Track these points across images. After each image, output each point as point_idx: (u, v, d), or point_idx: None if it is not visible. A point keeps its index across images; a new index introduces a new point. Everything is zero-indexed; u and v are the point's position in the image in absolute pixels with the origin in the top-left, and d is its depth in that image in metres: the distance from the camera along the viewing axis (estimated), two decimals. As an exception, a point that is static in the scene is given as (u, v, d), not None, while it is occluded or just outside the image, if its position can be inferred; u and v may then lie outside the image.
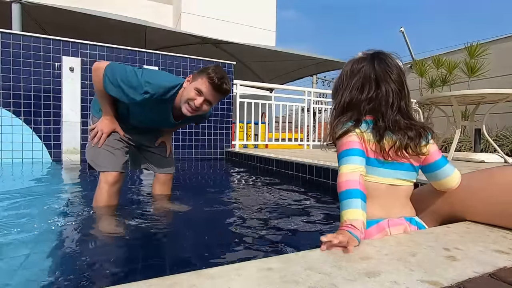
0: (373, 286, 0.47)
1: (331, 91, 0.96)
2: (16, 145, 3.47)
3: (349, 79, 0.88)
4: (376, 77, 0.84)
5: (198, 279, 0.47)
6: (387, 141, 0.80)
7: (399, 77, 0.84)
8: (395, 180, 0.82)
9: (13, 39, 3.45)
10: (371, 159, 0.80)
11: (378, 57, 0.86)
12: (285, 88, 6.25)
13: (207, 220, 1.60)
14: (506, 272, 0.53)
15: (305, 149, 5.31)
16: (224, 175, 3.27)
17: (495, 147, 2.92)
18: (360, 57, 0.90)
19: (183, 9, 9.06)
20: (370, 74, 0.84)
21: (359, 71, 0.86)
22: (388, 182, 0.81)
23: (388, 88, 0.82)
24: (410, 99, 0.87)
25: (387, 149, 0.79)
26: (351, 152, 0.77)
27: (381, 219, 0.80)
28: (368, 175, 0.79)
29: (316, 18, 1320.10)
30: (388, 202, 0.82)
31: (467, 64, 4.66)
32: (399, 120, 0.81)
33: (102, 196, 1.52)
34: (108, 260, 1.03)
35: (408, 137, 0.79)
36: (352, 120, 0.82)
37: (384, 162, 0.80)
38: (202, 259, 1.04)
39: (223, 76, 1.41)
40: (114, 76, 1.38)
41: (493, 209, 0.81)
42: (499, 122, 5.04)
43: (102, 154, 1.55)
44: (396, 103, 0.83)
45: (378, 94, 0.83)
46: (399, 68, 0.85)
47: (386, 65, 0.84)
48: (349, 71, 0.89)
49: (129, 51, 3.98)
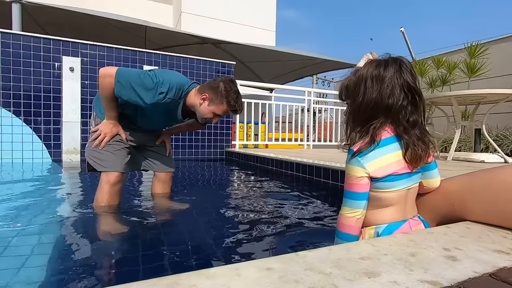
0: (373, 286, 0.47)
1: (342, 90, 0.91)
2: (16, 145, 3.47)
3: (374, 84, 0.83)
4: (403, 85, 0.81)
5: (198, 279, 0.47)
6: (409, 153, 0.81)
7: (417, 86, 0.83)
8: (410, 185, 0.84)
9: (13, 39, 3.45)
10: (389, 176, 0.80)
11: (404, 65, 0.83)
12: (285, 88, 6.25)
13: (207, 220, 1.60)
14: (506, 272, 0.53)
15: (305, 149, 5.31)
16: (224, 175, 3.27)
17: (495, 147, 2.92)
18: (383, 60, 0.85)
19: (183, 9, 9.07)
20: (397, 82, 0.81)
21: (386, 77, 0.82)
22: (406, 188, 0.83)
23: (411, 98, 0.81)
24: (425, 110, 0.86)
25: (407, 162, 0.81)
26: (355, 196, 0.81)
27: (402, 221, 0.83)
28: (386, 190, 0.81)
29: (316, 18, 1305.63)
30: (404, 205, 0.85)
31: (467, 64, 4.66)
32: (415, 131, 0.82)
33: (104, 196, 1.52)
34: (107, 260, 1.03)
35: (422, 149, 0.81)
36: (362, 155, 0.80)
37: (402, 176, 0.81)
38: (202, 259, 1.04)
39: (240, 101, 1.53)
40: (127, 81, 1.38)
41: (493, 209, 0.81)
42: (499, 122, 5.04)
43: (103, 155, 1.55)
44: (416, 114, 0.82)
45: (403, 103, 0.81)
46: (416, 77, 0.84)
47: (411, 74, 0.82)
48: (374, 75, 0.84)
49: (129, 51, 3.98)
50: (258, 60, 7.31)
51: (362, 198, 0.81)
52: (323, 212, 1.62)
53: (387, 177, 0.80)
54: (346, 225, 0.82)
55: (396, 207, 0.83)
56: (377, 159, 0.80)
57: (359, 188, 0.81)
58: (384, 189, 0.81)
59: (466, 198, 0.86)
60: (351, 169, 0.82)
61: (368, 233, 0.84)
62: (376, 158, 0.80)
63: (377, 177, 0.80)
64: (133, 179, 2.68)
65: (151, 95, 1.39)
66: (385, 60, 0.85)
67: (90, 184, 2.56)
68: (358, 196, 0.81)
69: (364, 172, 0.80)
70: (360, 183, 0.80)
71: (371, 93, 0.82)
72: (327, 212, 1.61)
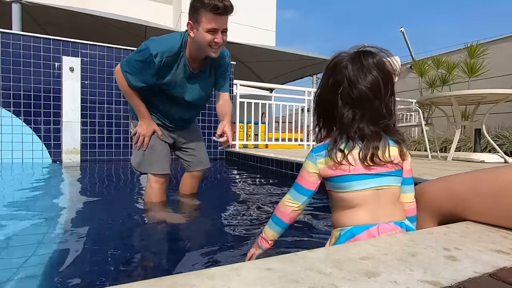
0: (373, 286, 0.47)
1: None
2: (16, 145, 3.47)
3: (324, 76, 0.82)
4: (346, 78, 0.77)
5: (198, 279, 0.47)
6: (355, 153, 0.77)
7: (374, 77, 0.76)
8: (379, 185, 0.78)
9: (13, 39, 3.45)
10: (351, 175, 0.76)
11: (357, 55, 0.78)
12: (285, 88, 6.25)
13: (207, 220, 1.60)
14: (506, 272, 0.53)
15: (305, 149, 5.31)
16: (224, 175, 3.27)
17: (495, 147, 2.92)
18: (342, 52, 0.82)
19: (183, 9, 9.06)
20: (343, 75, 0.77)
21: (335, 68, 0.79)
22: (374, 188, 0.77)
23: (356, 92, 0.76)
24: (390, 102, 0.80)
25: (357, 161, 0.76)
26: (300, 189, 0.84)
27: (370, 225, 0.76)
28: (344, 190, 0.77)
29: (316, 18, 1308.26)
30: (376, 207, 0.78)
31: (467, 64, 4.66)
32: (363, 128, 0.76)
33: (154, 194, 1.65)
34: (106, 260, 1.03)
35: (374, 147, 0.75)
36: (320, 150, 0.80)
37: (364, 176, 0.77)
38: (202, 259, 1.04)
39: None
40: (127, 64, 1.45)
41: (496, 208, 0.80)
42: (499, 122, 5.05)
43: (149, 157, 1.63)
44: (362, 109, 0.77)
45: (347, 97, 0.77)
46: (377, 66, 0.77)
47: (361, 64, 0.76)
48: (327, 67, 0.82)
49: (129, 51, 3.98)
50: (258, 60, 7.31)
51: (305, 194, 0.83)
52: (323, 212, 1.62)
53: (341, 176, 0.77)
54: (281, 211, 0.87)
55: (364, 208, 0.77)
56: (330, 156, 0.77)
57: (305, 183, 0.82)
58: (342, 189, 0.78)
59: (468, 197, 0.85)
60: (305, 162, 0.84)
61: (334, 235, 0.80)
62: (330, 155, 0.77)
63: (328, 175, 0.79)
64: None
65: (148, 63, 1.39)
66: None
67: (90, 184, 2.56)
68: (302, 191, 0.83)
69: (314, 168, 0.80)
70: (308, 179, 0.82)
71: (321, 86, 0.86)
72: (326, 212, 1.60)
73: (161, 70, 1.44)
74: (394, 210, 0.81)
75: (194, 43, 1.44)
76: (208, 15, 1.32)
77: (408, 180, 0.86)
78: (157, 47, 1.39)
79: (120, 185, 2.57)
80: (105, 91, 3.85)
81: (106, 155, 3.90)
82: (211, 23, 1.33)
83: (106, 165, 3.63)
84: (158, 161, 1.63)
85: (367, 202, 0.77)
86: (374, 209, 0.77)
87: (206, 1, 1.29)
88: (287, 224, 0.87)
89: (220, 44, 1.42)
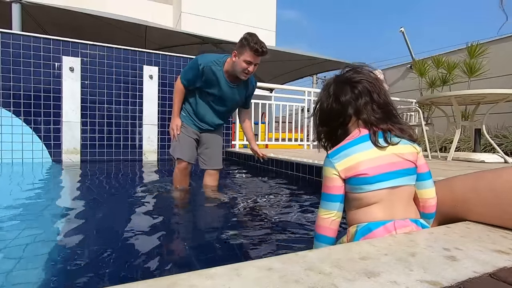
0: (373, 286, 0.47)
1: None
2: (16, 145, 3.47)
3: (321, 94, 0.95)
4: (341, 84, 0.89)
5: (198, 279, 0.47)
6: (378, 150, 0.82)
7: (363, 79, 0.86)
8: (396, 182, 0.81)
9: (13, 39, 3.45)
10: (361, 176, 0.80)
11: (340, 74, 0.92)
12: (285, 88, 6.24)
13: (207, 220, 1.60)
14: (506, 272, 0.53)
15: (305, 149, 5.31)
16: (224, 175, 3.26)
17: (495, 147, 2.92)
18: None
19: (183, 9, 9.06)
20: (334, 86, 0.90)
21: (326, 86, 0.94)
22: (389, 186, 0.80)
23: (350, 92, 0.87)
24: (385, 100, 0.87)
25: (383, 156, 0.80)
26: (329, 197, 0.83)
27: (387, 221, 0.79)
28: (362, 190, 0.80)
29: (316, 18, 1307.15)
30: (391, 204, 0.81)
31: (467, 64, 4.66)
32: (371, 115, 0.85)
33: (176, 175, 2.10)
34: (105, 260, 1.03)
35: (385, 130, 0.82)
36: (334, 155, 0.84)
37: (379, 176, 0.79)
38: (202, 259, 1.04)
39: (261, 43, 1.80)
40: (183, 74, 1.99)
41: (496, 209, 0.80)
42: (499, 122, 5.04)
43: (177, 146, 2.07)
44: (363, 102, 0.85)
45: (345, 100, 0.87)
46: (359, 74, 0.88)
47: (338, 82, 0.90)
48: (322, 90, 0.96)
49: (129, 51, 3.98)
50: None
51: (336, 200, 0.82)
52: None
53: (360, 177, 0.79)
54: (322, 226, 0.83)
55: (379, 206, 0.80)
56: (347, 158, 0.81)
57: (332, 190, 0.82)
58: (359, 189, 0.80)
59: (469, 198, 0.85)
60: (324, 170, 0.85)
61: (350, 232, 0.82)
62: (346, 157, 0.81)
63: (349, 175, 0.80)
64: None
65: (195, 69, 1.91)
66: None
67: (90, 184, 2.56)
68: (332, 198, 0.82)
69: (335, 171, 0.81)
70: (333, 185, 0.82)
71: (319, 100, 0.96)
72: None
73: (206, 75, 1.90)
74: (409, 208, 0.84)
75: (231, 65, 1.88)
76: (250, 53, 1.79)
77: (426, 175, 0.87)
78: (204, 59, 1.90)
79: (120, 185, 2.57)
80: (105, 91, 3.85)
81: (106, 155, 3.90)
82: (250, 58, 1.80)
83: (106, 165, 3.63)
84: (181, 150, 2.06)
85: (383, 200, 0.80)
86: (390, 206, 0.81)
87: (252, 44, 1.77)
88: (333, 238, 0.83)
89: (250, 73, 1.87)
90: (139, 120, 4.07)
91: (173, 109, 2.06)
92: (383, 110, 0.85)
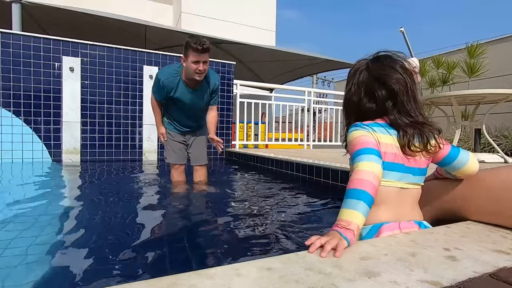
0: (373, 286, 0.47)
1: None
2: (16, 145, 3.47)
3: (350, 80, 0.91)
4: (374, 78, 0.86)
5: (198, 279, 0.47)
6: (395, 141, 0.81)
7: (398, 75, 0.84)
8: (405, 183, 0.81)
9: (13, 39, 3.45)
10: (383, 162, 0.78)
11: (376, 58, 0.88)
12: (285, 88, 6.25)
13: (207, 220, 1.60)
14: (506, 272, 0.53)
15: (305, 149, 5.30)
16: (224, 175, 3.26)
17: (495, 147, 2.92)
18: (362, 59, 0.92)
19: (183, 9, 9.06)
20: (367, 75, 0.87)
21: (357, 72, 0.89)
22: (399, 186, 0.80)
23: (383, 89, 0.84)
24: (414, 97, 0.85)
25: (399, 149, 0.80)
26: (366, 151, 0.74)
27: (392, 221, 0.80)
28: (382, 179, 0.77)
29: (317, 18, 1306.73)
30: (398, 206, 0.81)
31: (467, 64, 4.66)
32: (400, 118, 0.82)
33: (172, 176, 2.38)
34: (105, 259, 1.03)
35: (409, 135, 0.79)
36: (363, 124, 0.82)
37: (395, 164, 0.79)
38: (202, 259, 1.04)
39: (200, 41, 1.93)
40: (153, 91, 2.21)
41: (495, 208, 0.81)
42: (499, 122, 5.04)
43: (168, 153, 2.35)
44: (393, 102, 0.83)
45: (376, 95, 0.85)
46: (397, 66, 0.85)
47: (381, 64, 0.86)
48: (350, 72, 0.92)
49: (129, 51, 3.98)
50: (258, 60, 7.30)
51: (377, 154, 0.74)
52: (323, 212, 1.62)
53: (384, 163, 0.78)
54: (363, 180, 0.68)
55: (386, 207, 0.80)
56: (379, 133, 0.80)
57: (368, 144, 0.75)
58: None
59: (470, 196, 0.86)
60: (354, 133, 0.80)
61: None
62: (378, 132, 0.81)
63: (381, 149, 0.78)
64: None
65: (158, 84, 2.09)
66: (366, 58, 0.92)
67: (90, 183, 2.56)
68: (372, 151, 0.74)
69: (371, 133, 0.79)
70: (369, 141, 0.76)
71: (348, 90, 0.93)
72: (327, 212, 1.60)
73: (167, 88, 2.10)
74: (414, 210, 0.85)
75: (185, 70, 2.04)
76: (193, 53, 1.94)
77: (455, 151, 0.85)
78: (162, 74, 2.09)
79: (119, 185, 2.57)
80: (105, 91, 3.85)
81: (106, 155, 3.90)
82: (195, 57, 1.95)
83: (106, 165, 3.63)
84: (171, 155, 2.34)
85: (390, 201, 0.81)
86: (396, 208, 0.81)
87: (192, 45, 1.92)
88: (373, 199, 0.69)
89: (203, 71, 1.99)
90: (139, 120, 4.07)
91: (155, 120, 2.32)
92: (409, 114, 0.83)
